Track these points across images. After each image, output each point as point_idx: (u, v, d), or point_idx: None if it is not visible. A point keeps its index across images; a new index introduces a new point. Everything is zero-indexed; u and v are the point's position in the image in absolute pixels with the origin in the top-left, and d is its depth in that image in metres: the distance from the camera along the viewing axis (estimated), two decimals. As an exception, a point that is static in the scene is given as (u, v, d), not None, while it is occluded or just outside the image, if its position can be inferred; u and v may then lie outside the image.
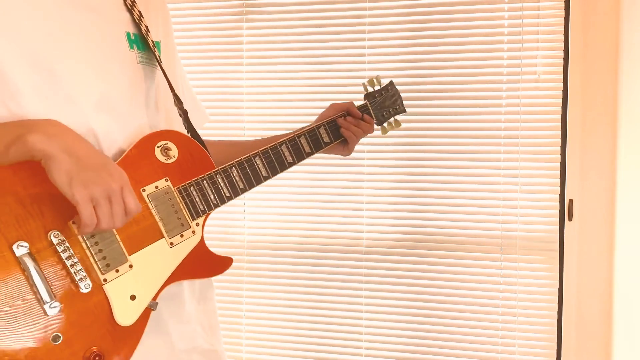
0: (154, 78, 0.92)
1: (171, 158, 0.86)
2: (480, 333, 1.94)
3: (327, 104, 1.14)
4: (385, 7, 1.96)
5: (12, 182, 0.71)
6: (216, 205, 0.89)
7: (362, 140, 1.20)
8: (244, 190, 0.93)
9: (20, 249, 0.71)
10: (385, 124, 1.21)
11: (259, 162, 0.95)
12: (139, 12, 0.91)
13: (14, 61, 0.75)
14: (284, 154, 0.99)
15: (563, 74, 1.85)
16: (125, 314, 0.78)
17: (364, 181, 1.99)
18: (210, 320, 1.01)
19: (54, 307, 0.72)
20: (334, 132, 1.09)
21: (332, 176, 2.00)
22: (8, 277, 0.70)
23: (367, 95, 1.17)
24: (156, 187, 0.83)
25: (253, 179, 0.94)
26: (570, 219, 1.86)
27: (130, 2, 0.90)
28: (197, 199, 0.87)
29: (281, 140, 1.00)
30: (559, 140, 1.85)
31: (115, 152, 0.82)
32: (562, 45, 1.85)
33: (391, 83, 1.21)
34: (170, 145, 0.86)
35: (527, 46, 1.88)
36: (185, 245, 0.85)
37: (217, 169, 0.90)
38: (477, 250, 1.93)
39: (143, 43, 0.89)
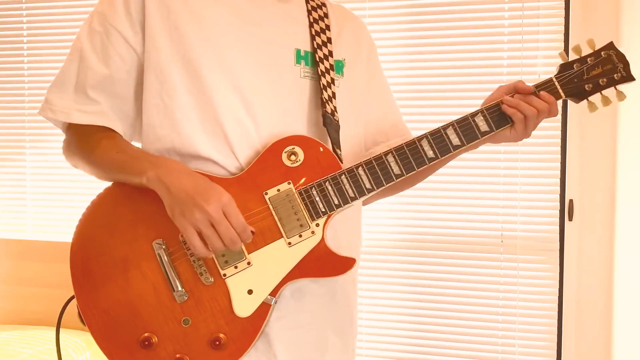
0: (318, 91, 0.96)
1: (296, 162, 0.89)
2: (480, 333, 1.94)
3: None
4: (385, 7, 1.96)
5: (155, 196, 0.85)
6: (338, 206, 0.89)
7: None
8: (370, 190, 0.89)
9: (157, 246, 0.87)
10: (591, 98, 0.98)
11: (391, 159, 0.89)
12: (328, 38, 0.98)
13: (173, 63, 0.89)
14: (423, 149, 0.90)
15: (563, 74, 1.85)
16: (242, 307, 0.86)
17: (364, 181, 1.98)
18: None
19: (182, 295, 0.86)
20: (497, 118, 0.95)
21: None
22: (148, 267, 0.87)
23: (562, 66, 0.96)
24: (278, 190, 0.88)
25: (382, 178, 0.89)
26: (570, 219, 1.86)
27: (319, 29, 0.97)
28: (318, 200, 0.88)
29: (422, 135, 0.91)
30: (559, 140, 1.85)
31: (250, 154, 0.90)
32: (562, 45, 1.85)
33: (608, 46, 0.96)
34: (297, 149, 0.89)
35: (527, 46, 1.88)
36: (304, 245, 0.88)
37: (342, 169, 0.89)
38: (477, 251, 1.92)
39: (314, 60, 0.96)
